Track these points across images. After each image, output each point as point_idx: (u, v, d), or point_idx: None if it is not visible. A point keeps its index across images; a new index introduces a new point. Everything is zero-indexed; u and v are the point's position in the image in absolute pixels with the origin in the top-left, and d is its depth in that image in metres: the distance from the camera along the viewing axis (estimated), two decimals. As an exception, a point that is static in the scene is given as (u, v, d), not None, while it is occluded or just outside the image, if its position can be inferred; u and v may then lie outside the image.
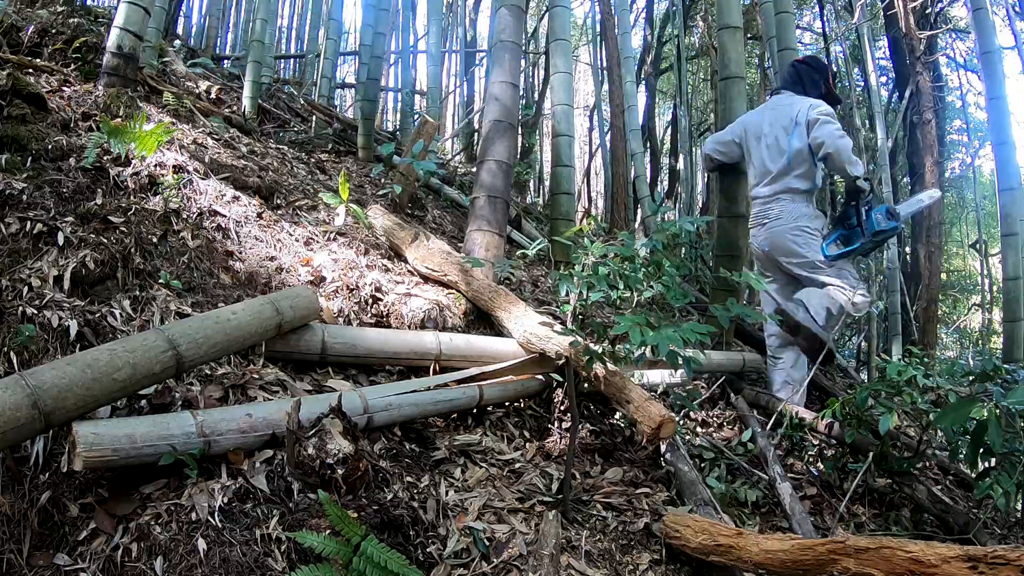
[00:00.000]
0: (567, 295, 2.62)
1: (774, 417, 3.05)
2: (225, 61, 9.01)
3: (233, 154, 3.52)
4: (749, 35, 10.12)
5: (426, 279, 3.05)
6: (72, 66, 3.52)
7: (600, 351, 2.14)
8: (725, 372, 3.62)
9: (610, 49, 8.64)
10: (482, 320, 2.96)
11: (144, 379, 1.52)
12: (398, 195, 4.38)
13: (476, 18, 14.94)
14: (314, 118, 6.44)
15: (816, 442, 3.02)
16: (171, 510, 1.40)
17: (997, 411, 1.87)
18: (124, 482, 1.47)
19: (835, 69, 11.22)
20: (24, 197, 2.14)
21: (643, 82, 12.29)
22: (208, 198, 2.70)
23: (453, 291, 2.97)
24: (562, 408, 2.65)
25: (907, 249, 9.69)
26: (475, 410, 2.39)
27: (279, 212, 3.14)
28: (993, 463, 2.04)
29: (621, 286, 2.19)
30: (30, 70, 3.20)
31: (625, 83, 7.94)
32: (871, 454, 2.54)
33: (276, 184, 3.39)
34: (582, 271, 2.32)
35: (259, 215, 2.88)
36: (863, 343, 9.26)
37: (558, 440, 2.50)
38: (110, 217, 2.27)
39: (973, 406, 1.90)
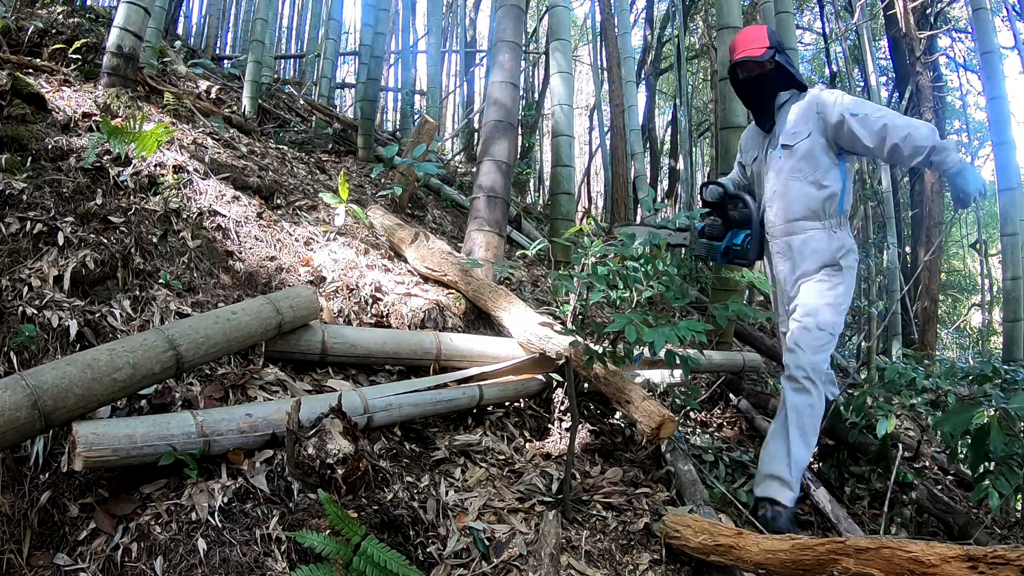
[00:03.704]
0: (567, 295, 2.62)
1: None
2: (225, 61, 9.02)
3: (233, 154, 3.52)
4: (749, 35, 10.08)
5: (426, 279, 3.05)
6: (72, 66, 3.52)
7: (600, 351, 2.14)
8: (725, 372, 3.62)
9: (610, 49, 8.64)
10: (482, 320, 2.96)
11: (144, 379, 1.52)
12: (398, 195, 4.38)
13: (476, 18, 14.96)
14: (314, 118, 6.44)
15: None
16: (171, 510, 1.40)
17: (998, 416, 1.86)
18: (124, 482, 1.47)
19: (835, 68, 11.23)
20: (24, 197, 2.14)
21: (643, 82, 12.30)
22: (208, 198, 2.70)
23: (453, 291, 2.97)
24: (562, 408, 2.65)
25: (907, 249, 9.69)
26: (475, 410, 2.39)
27: (279, 212, 3.14)
28: (992, 466, 2.03)
29: (621, 286, 2.19)
30: (30, 70, 3.21)
31: (625, 83, 7.94)
32: (870, 457, 2.54)
33: (276, 184, 3.39)
34: (581, 271, 2.32)
35: (259, 215, 2.88)
36: (863, 343, 9.26)
37: (558, 440, 2.50)
38: (110, 217, 2.27)
39: (974, 411, 1.89)
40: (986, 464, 2.01)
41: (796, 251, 2.39)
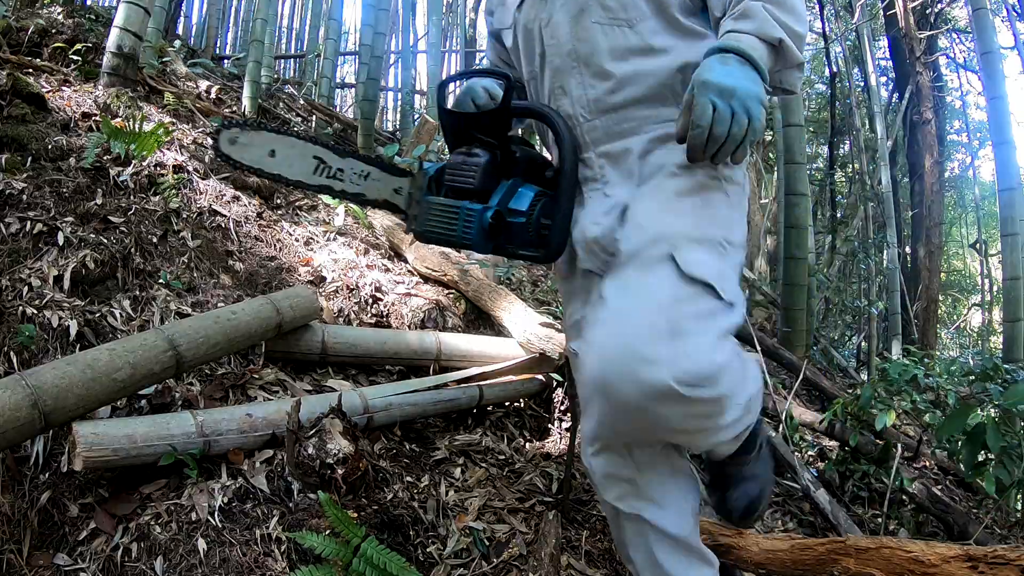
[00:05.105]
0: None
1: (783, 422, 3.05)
2: (225, 61, 9.01)
3: (233, 154, 3.51)
4: (749, 35, 10.07)
5: (426, 279, 3.05)
6: (72, 66, 3.52)
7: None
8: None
9: (610, 49, 8.62)
10: (482, 320, 2.96)
11: (144, 379, 1.52)
12: (398, 195, 4.38)
13: (476, 18, 14.95)
14: (314, 118, 6.43)
15: (816, 442, 3.02)
16: (171, 510, 1.40)
17: (995, 414, 1.87)
18: (124, 482, 1.47)
19: (836, 68, 11.22)
20: (24, 197, 2.14)
21: (643, 82, 12.28)
22: (208, 198, 2.70)
23: (453, 291, 2.97)
24: (562, 408, 2.65)
25: (907, 249, 9.69)
26: (475, 410, 2.39)
27: (279, 212, 3.14)
28: (991, 459, 2.03)
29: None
30: (30, 70, 3.20)
31: (625, 83, 7.93)
32: (871, 457, 2.54)
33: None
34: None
35: (259, 215, 2.88)
36: (863, 343, 9.27)
37: (558, 440, 2.50)
38: (110, 217, 2.27)
39: (971, 411, 1.90)
40: (985, 454, 2.00)
41: (640, 167, 1.13)
